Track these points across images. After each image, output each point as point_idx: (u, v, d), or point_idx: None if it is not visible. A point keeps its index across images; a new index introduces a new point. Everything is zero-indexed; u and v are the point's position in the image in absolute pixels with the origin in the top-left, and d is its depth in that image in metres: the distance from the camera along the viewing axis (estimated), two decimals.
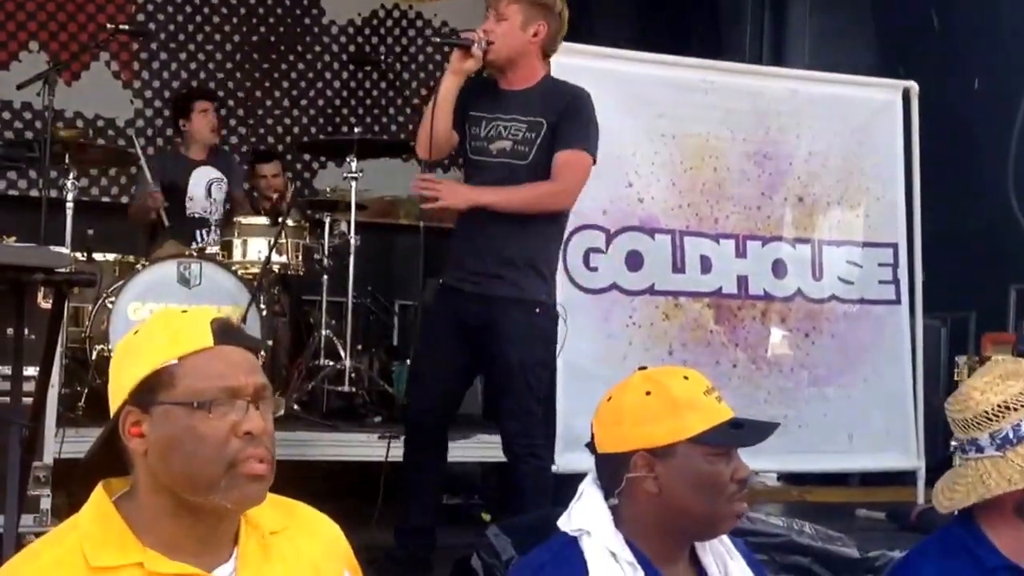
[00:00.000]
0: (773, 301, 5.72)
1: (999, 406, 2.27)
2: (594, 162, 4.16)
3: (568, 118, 4.08)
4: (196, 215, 6.17)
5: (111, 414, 1.74)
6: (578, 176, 4.13)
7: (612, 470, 2.08)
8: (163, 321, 1.76)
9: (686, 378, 2.09)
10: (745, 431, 2.07)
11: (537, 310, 4.06)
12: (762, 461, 5.68)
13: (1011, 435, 2.26)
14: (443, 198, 4.03)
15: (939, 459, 5.56)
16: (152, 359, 1.69)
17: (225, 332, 1.73)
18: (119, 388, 1.72)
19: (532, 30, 4.08)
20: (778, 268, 5.75)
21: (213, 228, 6.15)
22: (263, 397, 1.71)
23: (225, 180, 6.29)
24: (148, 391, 1.69)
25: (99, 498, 1.73)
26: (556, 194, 4.09)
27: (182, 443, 1.66)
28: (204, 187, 6.21)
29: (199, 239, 6.02)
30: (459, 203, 4.06)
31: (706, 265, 5.57)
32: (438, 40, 4.44)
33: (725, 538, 2.15)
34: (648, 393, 2.07)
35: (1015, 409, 2.26)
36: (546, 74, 4.21)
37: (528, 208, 4.05)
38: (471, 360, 4.17)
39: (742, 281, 5.65)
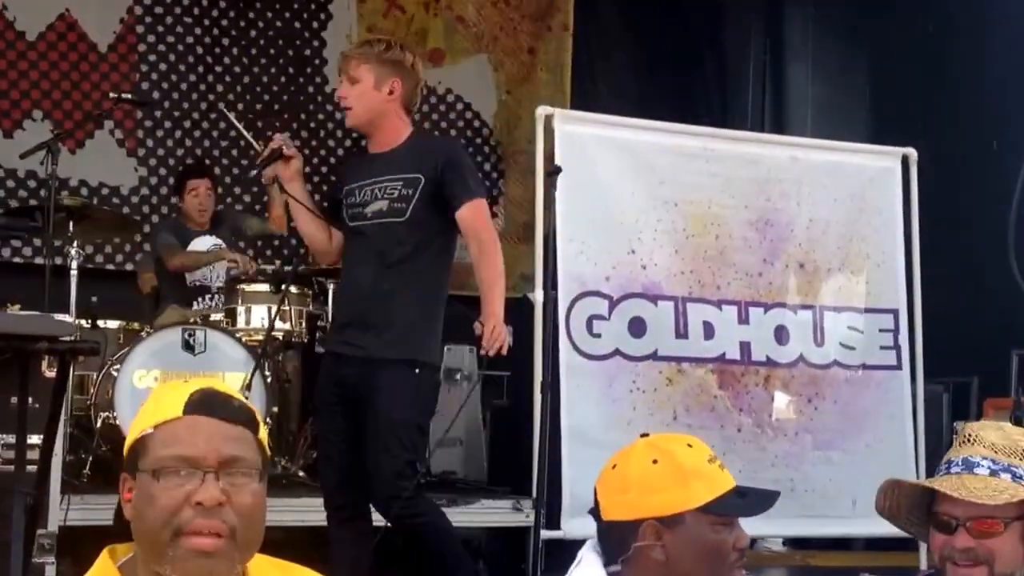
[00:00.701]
0: (776, 367, 5.73)
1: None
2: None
3: (452, 172, 4.08)
4: (196, 283, 6.19)
5: None
6: (487, 222, 4.28)
7: (619, 538, 2.09)
8: (159, 390, 1.82)
9: (690, 446, 2.12)
10: (750, 500, 2.09)
11: (417, 370, 4.02)
12: (769, 526, 5.70)
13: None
14: (503, 340, 4.14)
15: None
16: (136, 427, 1.75)
17: (201, 403, 1.73)
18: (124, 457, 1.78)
19: (387, 88, 4.06)
20: (781, 334, 5.76)
21: (214, 295, 6.17)
22: (230, 470, 1.70)
23: (224, 246, 6.32)
24: (132, 458, 1.74)
25: (103, 564, 1.75)
26: (495, 249, 4.27)
27: (143, 509, 1.69)
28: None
29: (197, 305, 6.06)
30: (502, 336, 4.15)
31: (709, 331, 5.59)
32: (256, 171, 4.38)
33: None
34: (655, 461, 2.08)
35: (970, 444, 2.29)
36: (413, 132, 4.22)
37: (502, 278, 4.26)
38: (360, 425, 4.10)
39: (745, 347, 5.67)
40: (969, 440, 2.27)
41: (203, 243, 6.29)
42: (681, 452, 2.10)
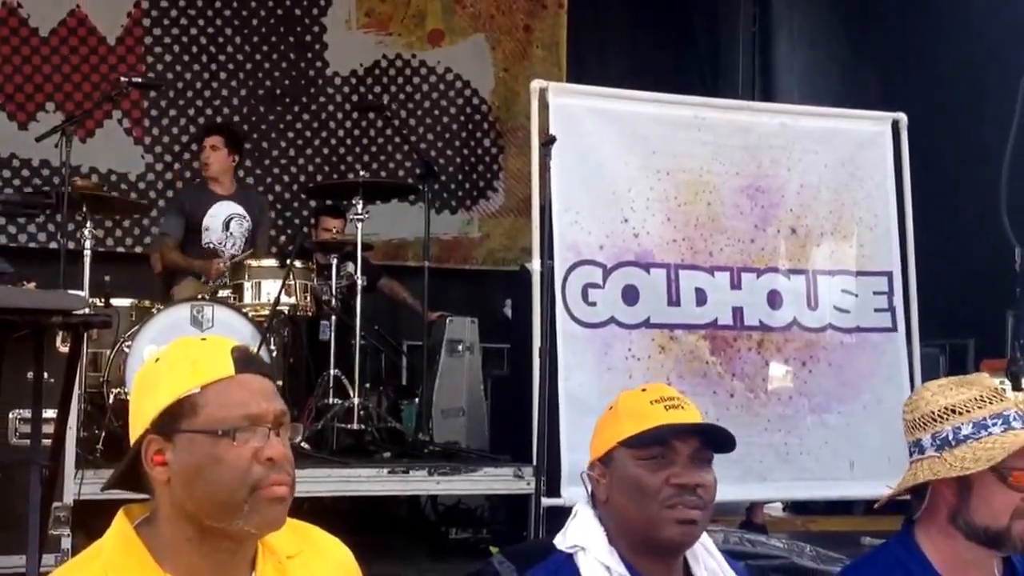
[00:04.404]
0: (769, 331, 5.80)
1: (945, 408, 2.27)
2: None
3: None
4: (211, 246, 6.33)
5: (131, 442, 1.75)
6: None
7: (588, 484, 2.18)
8: (183, 350, 1.76)
9: (644, 390, 2.14)
10: (666, 429, 2.04)
11: None
12: (765, 490, 5.80)
13: (950, 436, 2.25)
14: None
15: None
16: (174, 388, 1.71)
17: (245, 360, 1.75)
18: (141, 416, 1.73)
19: None
20: (774, 299, 5.84)
21: (226, 261, 6.24)
22: (282, 423, 1.74)
23: (248, 218, 6.42)
24: (171, 420, 1.70)
25: (121, 524, 1.75)
26: None
27: (206, 470, 1.68)
28: (222, 220, 6.37)
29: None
30: None
31: (701, 298, 5.67)
32: None
33: (718, 554, 2.17)
34: (611, 408, 2.16)
35: (960, 413, 2.25)
36: None
37: None
38: None
39: (737, 312, 5.75)
40: (999, 396, 2.27)
41: (222, 209, 6.39)
42: (627, 396, 2.14)
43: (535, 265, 5.27)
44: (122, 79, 6.16)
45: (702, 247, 5.72)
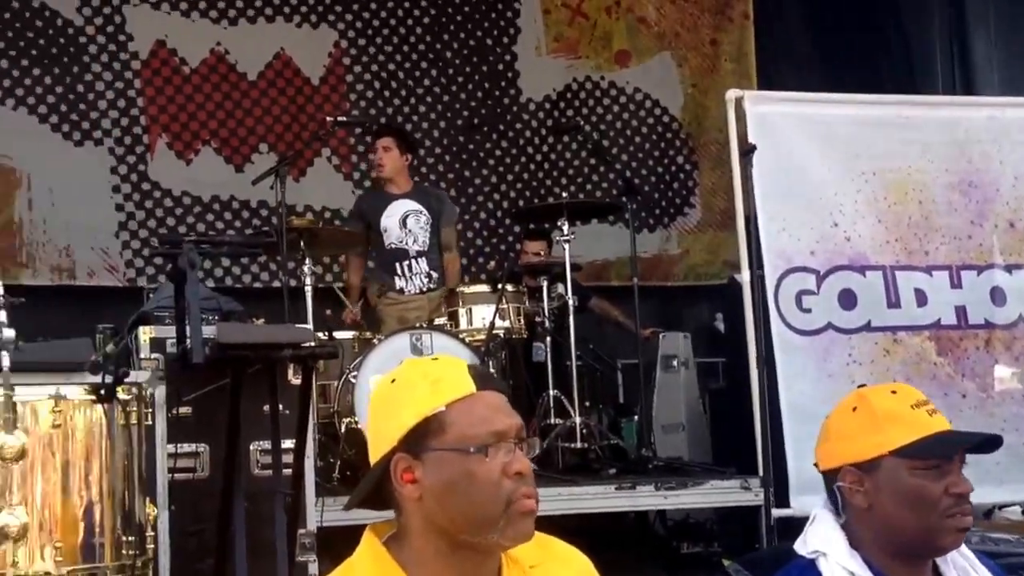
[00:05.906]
0: (995, 329, 5.68)
1: None
2: None
3: None
4: (393, 246, 6.46)
5: (372, 461, 1.80)
6: None
7: (829, 487, 2.13)
8: (420, 370, 1.80)
9: (894, 392, 2.11)
10: (951, 440, 2.03)
11: None
12: (1002, 493, 5.61)
13: None
14: None
15: None
16: (419, 407, 1.74)
17: (483, 377, 1.79)
18: (385, 436, 1.77)
19: None
20: (996, 296, 5.71)
21: (413, 259, 6.42)
22: (522, 437, 1.77)
23: (425, 212, 6.50)
24: (418, 438, 1.74)
25: (370, 541, 1.80)
26: None
27: (460, 487, 1.72)
28: (398, 219, 6.47)
29: (399, 271, 6.38)
30: None
31: (921, 298, 5.59)
32: None
33: (968, 553, 2.14)
34: (854, 409, 2.11)
35: None
36: None
37: None
38: None
39: (960, 312, 5.64)
40: None
41: (398, 208, 6.49)
42: (879, 398, 2.10)
43: (744, 276, 5.28)
44: (328, 119, 6.40)
45: (917, 247, 5.63)
